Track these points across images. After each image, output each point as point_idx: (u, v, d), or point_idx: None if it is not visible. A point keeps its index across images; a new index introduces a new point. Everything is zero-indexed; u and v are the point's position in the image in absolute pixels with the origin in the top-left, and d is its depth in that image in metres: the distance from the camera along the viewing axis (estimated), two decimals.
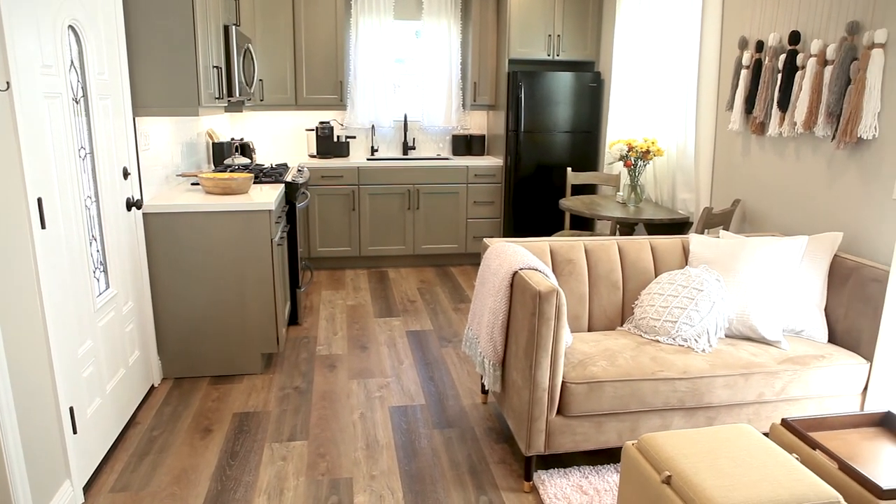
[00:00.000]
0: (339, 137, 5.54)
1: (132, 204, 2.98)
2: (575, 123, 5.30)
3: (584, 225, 5.52)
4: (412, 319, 4.29)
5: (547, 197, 5.44)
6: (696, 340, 2.59)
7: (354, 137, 5.71)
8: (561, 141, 5.32)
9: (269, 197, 3.37)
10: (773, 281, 2.68)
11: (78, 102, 2.47)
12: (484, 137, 5.89)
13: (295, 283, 4.10)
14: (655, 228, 4.28)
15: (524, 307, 2.33)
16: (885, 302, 2.43)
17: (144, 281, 3.14)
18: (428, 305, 4.57)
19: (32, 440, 2.02)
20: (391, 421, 2.94)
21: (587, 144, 5.37)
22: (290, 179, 4.04)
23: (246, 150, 4.89)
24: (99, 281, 2.65)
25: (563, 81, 5.19)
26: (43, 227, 2.11)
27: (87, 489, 2.42)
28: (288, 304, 3.97)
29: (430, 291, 4.90)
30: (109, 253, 2.74)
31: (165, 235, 3.17)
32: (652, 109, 4.44)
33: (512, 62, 5.34)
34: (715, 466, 1.74)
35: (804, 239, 2.73)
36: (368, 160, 5.34)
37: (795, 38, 3.05)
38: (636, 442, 1.96)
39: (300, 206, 4.06)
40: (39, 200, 2.09)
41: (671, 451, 1.82)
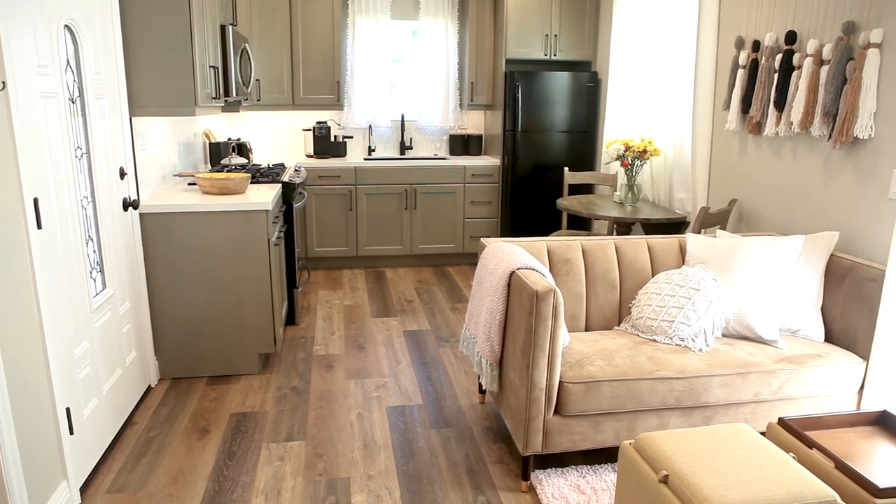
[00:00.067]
0: (336, 137, 5.54)
1: (129, 204, 2.97)
2: (572, 123, 5.31)
3: (581, 225, 5.53)
4: (409, 319, 4.29)
5: (544, 197, 5.45)
6: (693, 340, 2.60)
7: (351, 137, 5.71)
8: (558, 141, 5.33)
9: (266, 197, 3.37)
10: (769, 280, 2.68)
11: (74, 102, 2.47)
12: (481, 137, 5.89)
13: (292, 283, 4.10)
14: (652, 228, 4.28)
15: (521, 307, 2.33)
16: (881, 301, 2.44)
17: (141, 281, 3.13)
18: (425, 305, 4.57)
19: (29, 441, 2.02)
20: (388, 421, 2.94)
21: (584, 144, 5.38)
22: (287, 179, 4.03)
23: (243, 150, 4.88)
24: (95, 281, 2.64)
25: (560, 81, 5.20)
26: (39, 227, 2.10)
27: (83, 490, 2.41)
28: (285, 304, 3.97)
29: (427, 291, 4.90)
30: (106, 253, 2.73)
31: (162, 236, 3.16)
32: (649, 109, 4.44)
33: (509, 62, 5.35)
34: (712, 466, 1.74)
35: (801, 238, 2.74)
36: (366, 160, 5.34)
37: (792, 37, 3.06)
38: (633, 441, 1.97)
39: (297, 206, 4.06)
40: (35, 201, 2.08)
41: (668, 450, 1.83)
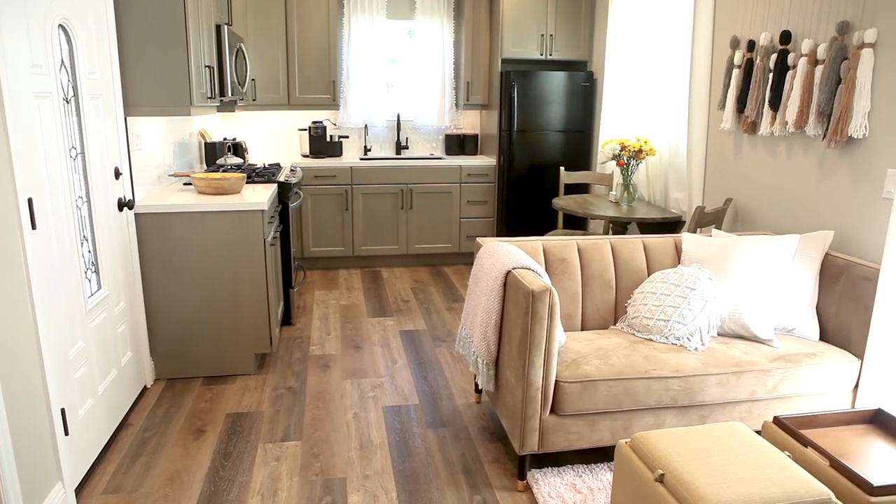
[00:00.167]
0: (331, 137, 5.54)
1: (124, 204, 2.97)
2: (568, 123, 5.31)
3: (577, 224, 5.54)
4: (406, 319, 4.28)
5: (540, 196, 5.45)
6: (688, 339, 2.61)
7: (347, 137, 5.70)
8: (554, 140, 5.33)
9: (261, 197, 3.36)
10: (764, 279, 2.69)
11: (69, 102, 2.46)
12: (477, 137, 5.89)
13: (288, 283, 4.09)
14: (648, 227, 4.29)
15: (517, 306, 2.33)
16: (875, 300, 2.44)
17: (136, 281, 3.12)
18: (421, 305, 4.57)
19: (23, 442, 2.01)
20: (385, 421, 2.94)
21: (580, 144, 5.38)
22: (282, 179, 4.03)
23: (238, 149, 4.87)
24: (90, 282, 2.64)
25: (555, 81, 5.20)
26: (34, 227, 2.09)
27: (79, 491, 2.40)
28: (281, 304, 3.96)
29: (423, 291, 4.90)
30: (101, 253, 2.72)
31: (158, 236, 3.16)
32: (644, 109, 4.45)
33: (505, 62, 5.35)
34: (708, 464, 1.75)
35: (795, 238, 2.75)
36: (361, 160, 5.33)
37: (786, 37, 3.07)
38: (629, 440, 1.97)
39: (293, 205, 4.06)
40: (30, 201, 2.08)
41: (664, 449, 1.83)
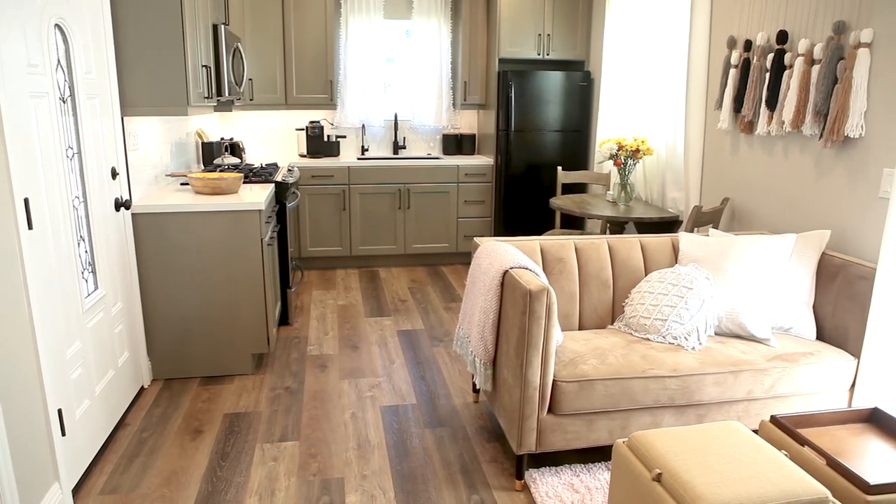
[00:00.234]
0: (329, 137, 5.53)
1: (121, 204, 2.96)
2: (565, 122, 5.31)
3: (574, 224, 5.54)
4: (403, 319, 4.28)
5: (537, 196, 5.45)
6: (685, 338, 2.61)
7: (345, 137, 5.70)
8: (551, 140, 5.33)
9: (258, 197, 3.36)
10: (761, 279, 2.69)
11: (65, 102, 2.45)
12: (474, 137, 5.89)
13: (285, 283, 4.09)
14: (645, 227, 4.29)
15: (515, 306, 2.33)
16: (871, 299, 2.45)
17: (133, 282, 3.12)
18: (419, 305, 4.56)
19: (20, 442, 2.00)
20: (382, 420, 2.94)
21: (577, 143, 5.39)
22: (280, 179, 4.02)
23: (235, 149, 4.87)
24: (87, 282, 2.63)
25: (553, 81, 5.20)
26: (30, 227, 2.09)
27: (76, 492, 2.40)
28: (278, 304, 3.96)
29: (421, 291, 4.90)
30: (98, 254, 2.72)
31: (155, 236, 3.15)
32: (642, 108, 4.46)
33: (502, 61, 5.35)
34: (705, 463, 1.75)
35: (792, 237, 2.76)
36: (359, 160, 5.33)
37: (783, 37, 3.07)
38: (627, 440, 1.97)
39: (290, 205, 4.05)
40: (26, 201, 2.07)
41: (662, 448, 1.83)
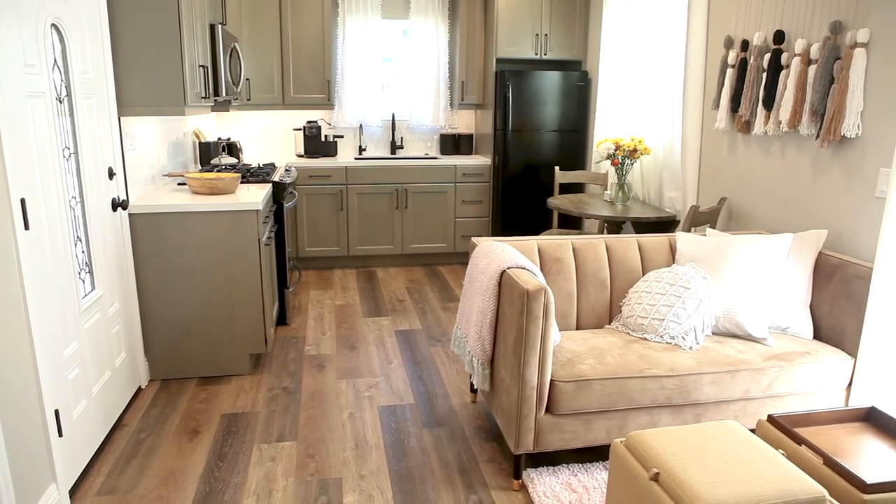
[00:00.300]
0: (326, 137, 5.52)
1: (118, 204, 2.96)
2: (562, 122, 5.32)
3: (571, 223, 5.54)
4: (401, 319, 4.28)
5: (535, 196, 5.45)
6: (683, 338, 2.61)
7: (342, 137, 5.69)
8: (549, 140, 5.34)
9: (256, 197, 3.35)
10: (759, 278, 2.70)
11: (62, 102, 2.45)
12: (472, 136, 5.89)
13: (283, 283, 4.08)
14: (643, 227, 4.30)
15: (512, 306, 2.34)
16: (868, 299, 2.46)
17: (131, 282, 3.11)
18: (416, 305, 4.56)
19: (17, 443, 2.00)
20: (380, 421, 2.94)
21: (575, 143, 5.39)
22: (277, 179, 4.02)
23: (233, 149, 4.86)
24: (84, 282, 2.63)
25: (550, 80, 5.21)
26: (26, 227, 2.08)
27: (73, 492, 2.40)
28: (276, 304, 3.95)
29: (418, 291, 4.90)
30: (95, 254, 2.71)
31: (152, 236, 3.15)
32: (639, 108, 4.46)
33: (499, 61, 5.35)
34: (702, 463, 1.75)
35: (789, 237, 2.76)
36: (356, 159, 5.32)
37: (780, 37, 3.08)
38: (624, 439, 1.97)
39: (288, 205, 4.05)
40: (23, 201, 2.07)
41: (659, 448, 1.83)
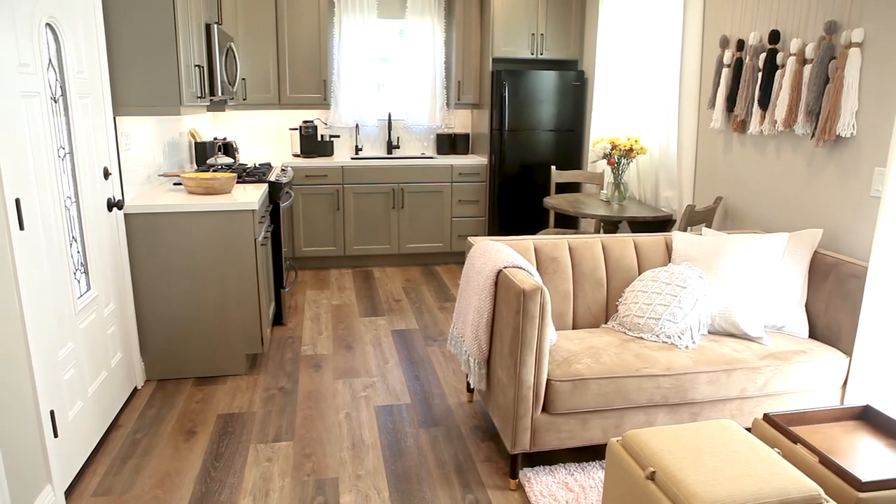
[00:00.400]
0: (322, 137, 5.52)
1: (113, 204, 2.95)
2: (559, 122, 5.32)
3: (568, 223, 5.55)
4: (397, 318, 4.28)
5: (531, 195, 5.46)
6: (679, 337, 2.62)
7: (338, 136, 5.69)
8: (545, 139, 5.34)
9: (252, 197, 3.35)
10: (754, 277, 2.71)
11: (56, 101, 2.44)
12: (468, 136, 5.89)
13: (279, 282, 4.08)
14: (639, 226, 4.31)
15: (509, 305, 2.34)
16: (863, 297, 2.46)
17: (126, 282, 3.10)
18: (413, 304, 4.56)
19: (12, 444, 1.99)
20: (377, 420, 2.94)
21: (571, 143, 5.40)
22: (273, 179, 4.01)
23: (229, 149, 4.85)
24: (79, 282, 2.62)
25: (546, 80, 5.21)
26: (21, 228, 2.08)
27: (68, 493, 2.39)
28: (272, 304, 3.95)
29: (415, 290, 4.90)
30: (90, 254, 2.71)
31: (147, 236, 3.14)
32: (635, 108, 4.47)
33: (496, 61, 5.35)
34: (698, 462, 1.76)
35: (785, 236, 2.77)
36: (353, 159, 5.32)
37: (775, 37, 3.09)
38: (621, 439, 1.98)
39: (284, 205, 4.04)
40: (17, 201, 2.06)
41: (655, 447, 1.84)
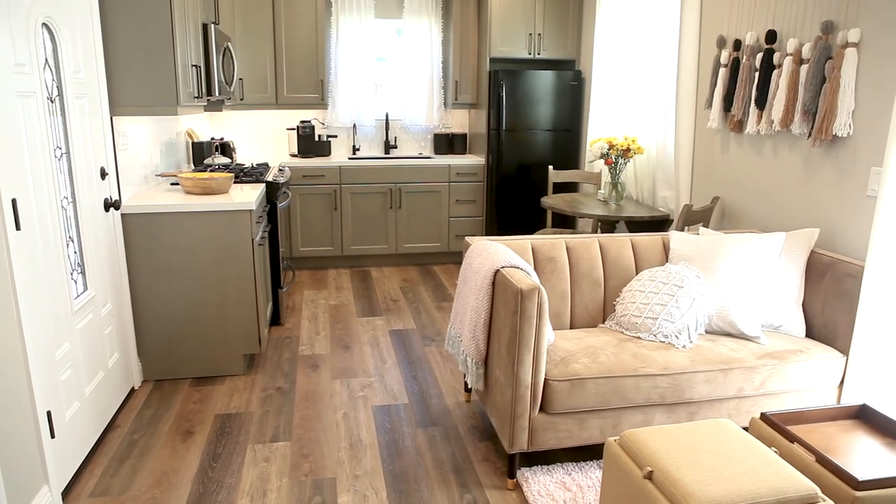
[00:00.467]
0: (320, 136, 5.52)
1: (110, 204, 2.94)
2: (556, 122, 5.32)
3: (565, 223, 5.55)
4: (395, 318, 4.28)
5: (529, 195, 5.46)
6: (676, 337, 2.62)
7: (336, 136, 5.69)
8: (542, 139, 5.34)
9: (249, 197, 3.34)
10: (751, 277, 2.71)
11: (53, 101, 2.44)
12: (466, 136, 5.89)
13: (277, 283, 4.07)
14: (636, 226, 4.31)
15: (506, 305, 2.34)
16: (860, 297, 2.47)
17: (123, 282, 3.10)
18: (411, 304, 4.56)
19: (8, 445, 1.99)
20: (374, 420, 2.94)
21: (568, 143, 5.40)
22: (270, 179, 4.01)
23: (226, 149, 4.84)
24: (76, 283, 2.61)
25: (543, 80, 5.21)
26: (18, 228, 2.07)
27: (65, 494, 2.38)
28: (270, 304, 3.94)
29: (412, 290, 4.89)
30: (87, 254, 2.70)
31: (145, 236, 3.13)
32: (632, 107, 4.47)
33: (493, 61, 5.35)
34: (695, 461, 1.76)
35: (782, 235, 2.77)
36: (350, 159, 5.32)
37: (772, 37, 3.09)
38: (618, 438, 1.98)
39: (281, 205, 4.04)
40: (14, 201, 2.05)
41: (653, 446, 1.84)
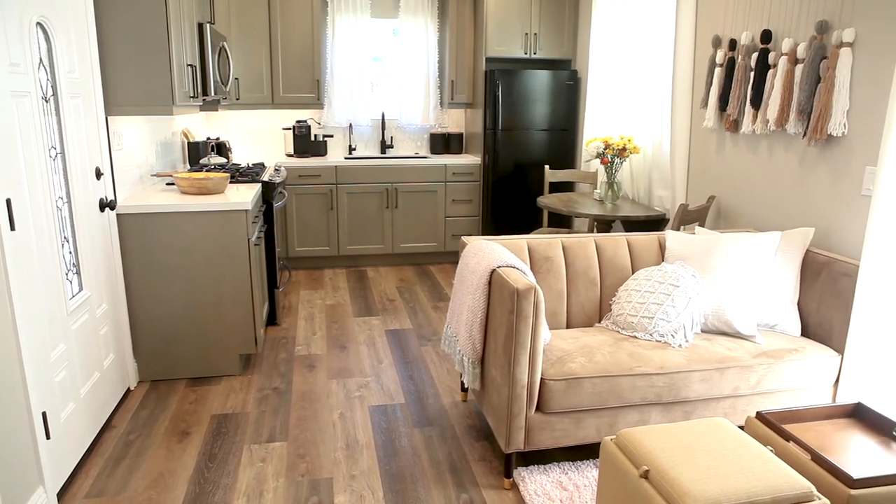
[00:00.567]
0: (316, 136, 5.51)
1: (105, 204, 2.93)
2: (552, 121, 5.33)
3: (561, 222, 5.56)
4: (391, 318, 4.28)
5: (525, 195, 5.46)
6: (672, 336, 2.63)
7: (332, 136, 5.68)
8: (538, 139, 5.35)
9: (245, 197, 3.34)
10: (747, 276, 2.72)
11: (48, 101, 2.43)
12: (462, 136, 5.89)
13: (273, 283, 4.07)
14: (632, 225, 4.32)
15: (502, 305, 2.34)
16: (854, 296, 2.48)
17: (119, 283, 3.09)
18: (407, 304, 4.56)
19: (3, 446, 1.98)
20: (371, 420, 2.94)
21: (564, 142, 5.40)
22: (266, 179, 4.00)
23: (222, 149, 4.84)
24: (72, 283, 2.60)
25: (540, 80, 5.21)
26: (12, 228, 2.06)
27: (61, 495, 2.38)
28: (266, 304, 3.94)
29: (409, 290, 4.89)
30: (82, 254, 2.69)
31: (140, 236, 3.12)
32: (628, 107, 4.48)
33: (489, 60, 5.35)
34: (692, 460, 1.76)
35: (777, 235, 2.78)
36: (346, 159, 5.31)
37: (767, 36, 3.10)
38: (614, 437, 1.98)
39: (277, 205, 4.03)
40: (8, 201, 2.05)
41: (649, 445, 1.84)
